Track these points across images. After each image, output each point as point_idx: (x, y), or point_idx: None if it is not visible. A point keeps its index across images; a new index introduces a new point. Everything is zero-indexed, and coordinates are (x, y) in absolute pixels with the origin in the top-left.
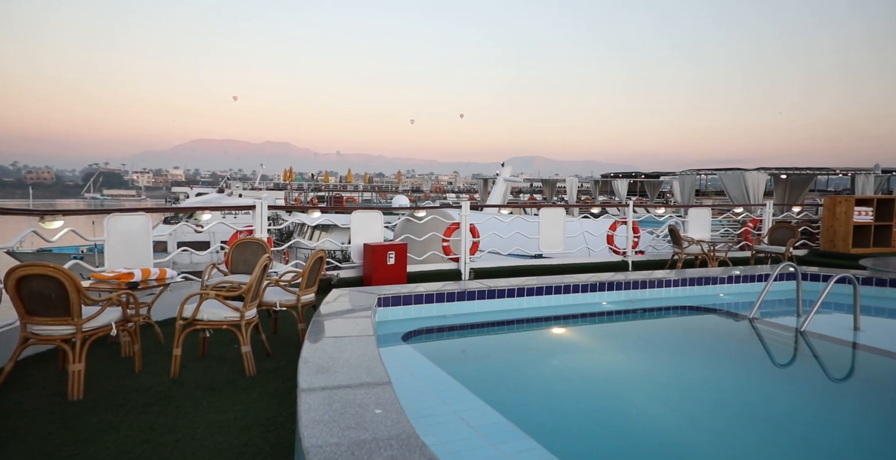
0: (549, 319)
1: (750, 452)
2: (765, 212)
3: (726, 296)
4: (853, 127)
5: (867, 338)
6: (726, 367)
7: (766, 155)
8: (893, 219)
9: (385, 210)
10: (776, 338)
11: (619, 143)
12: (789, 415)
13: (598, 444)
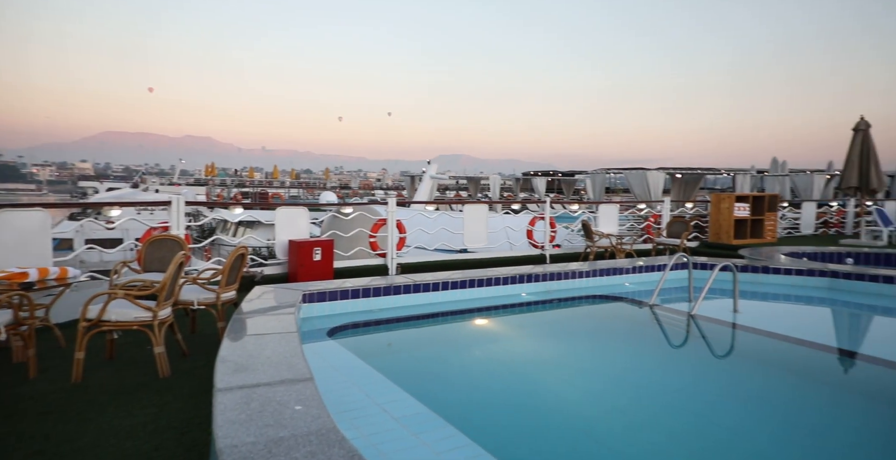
0: (472, 311)
1: (650, 425)
2: (663, 208)
3: (631, 285)
4: (736, 133)
5: (744, 318)
6: (631, 350)
7: (665, 156)
8: (765, 213)
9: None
10: (672, 322)
11: (539, 144)
12: (682, 390)
13: (518, 429)
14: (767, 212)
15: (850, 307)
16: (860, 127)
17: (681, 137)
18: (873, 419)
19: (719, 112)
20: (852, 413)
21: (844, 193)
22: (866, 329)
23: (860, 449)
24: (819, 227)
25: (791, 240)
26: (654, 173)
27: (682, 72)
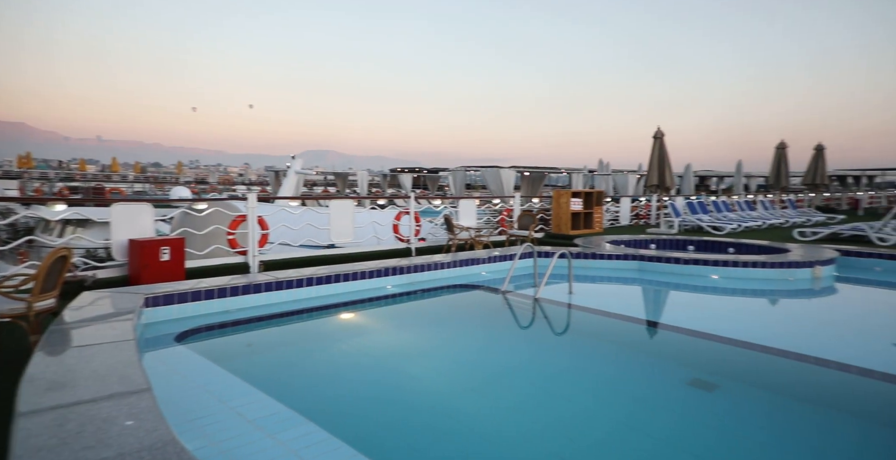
0: (338, 306)
1: (505, 401)
2: (514, 203)
3: (487, 274)
4: (572, 136)
5: (577, 299)
6: (486, 333)
7: (517, 155)
8: (594, 207)
9: (159, 202)
10: (520, 306)
11: (406, 141)
12: (529, 365)
13: (380, 418)
14: (596, 206)
15: (654, 284)
16: (657, 135)
17: (530, 139)
18: (673, 376)
19: (559, 117)
20: (658, 373)
21: (649, 190)
22: (665, 302)
23: (665, 398)
24: (633, 219)
25: (613, 230)
26: (506, 171)
27: (532, 83)
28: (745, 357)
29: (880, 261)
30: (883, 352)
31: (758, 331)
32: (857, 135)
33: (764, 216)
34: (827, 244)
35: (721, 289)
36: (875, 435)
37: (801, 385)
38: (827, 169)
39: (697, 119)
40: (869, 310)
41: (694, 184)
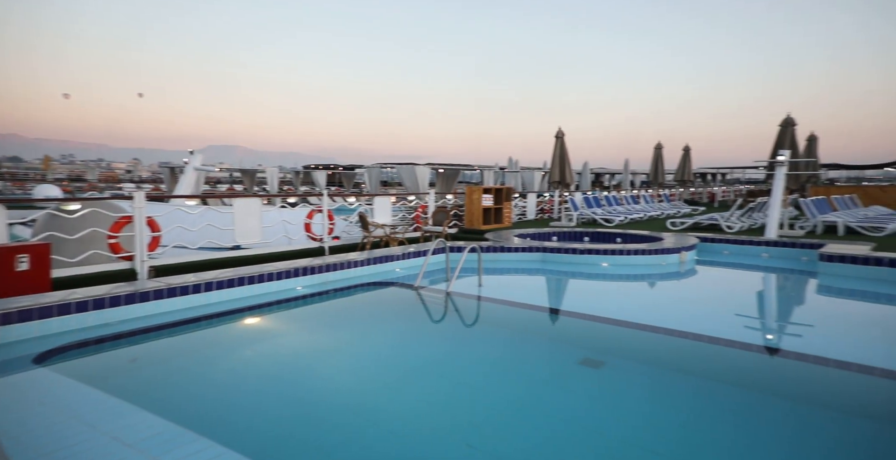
0: (243, 311)
1: (418, 394)
2: (429, 200)
3: (402, 270)
4: (485, 134)
5: (486, 291)
6: (400, 329)
7: (431, 152)
8: (503, 203)
9: (17, 202)
10: (433, 300)
11: (322, 138)
12: (441, 357)
13: (287, 426)
14: (505, 201)
15: (555, 274)
16: (559, 135)
17: (445, 137)
18: (569, 357)
19: (473, 116)
20: (557, 356)
21: (552, 186)
22: (564, 289)
23: (562, 378)
24: (539, 213)
25: (521, 224)
26: (421, 168)
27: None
28: (628, 335)
29: (727, 246)
30: (731, 322)
31: (637, 311)
32: (716, 138)
33: (645, 209)
34: (691, 232)
35: (610, 276)
36: (730, 393)
37: (674, 356)
38: (692, 167)
39: (594, 120)
40: (721, 287)
41: (590, 180)
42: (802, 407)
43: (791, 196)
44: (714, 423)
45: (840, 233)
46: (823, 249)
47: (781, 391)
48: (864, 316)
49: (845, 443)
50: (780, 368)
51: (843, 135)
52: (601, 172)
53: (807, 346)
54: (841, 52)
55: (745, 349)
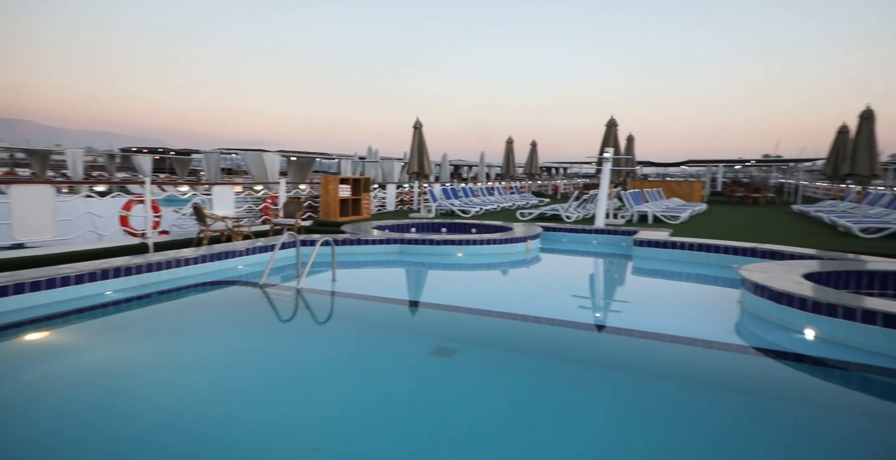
0: (24, 326)
1: (263, 397)
2: (279, 189)
3: (246, 267)
4: (342, 122)
5: (340, 286)
6: (242, 331)
7: (284, 139)
8: (362, 193)
9: None
10: (280, 298)
11: (146, 115)
12: (289, 357)
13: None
14: (364, 192)
15: (413, 265)
16: (417, 125)
17: (300, 123)
18: (423, 348)
19: (326, 101)
20: (411, 347)
21: (411, 177)
22: (421, 281)
23: (415, 369)
24: (398, 204)
25: (380, 216)
26: (270, 155)
27: (303, 62)
28: (479, 323)
29: (566, 234)
30: (568, 304)
31: (488, 298)
32: (560, 134)
33: (499, 200)
34: (537, 222)
35: (465, 265)
36: (570, 370)
37: (521, 340)
38: (539, 161)
39: (450, 114)
40: (559, 272)
41: (449, 171)
42: (625, 376)
43: (616, 189)
44: (558, 399)
45: (650, 222)
46: (636, 236)
47: (610, 363)
48: (668, 291)
49: (667, 406)
50: (607, 342)
51: (653, 135)
52: (460, 164)
53: (626, 321)
54: (658, 57)
55: (579, 328)
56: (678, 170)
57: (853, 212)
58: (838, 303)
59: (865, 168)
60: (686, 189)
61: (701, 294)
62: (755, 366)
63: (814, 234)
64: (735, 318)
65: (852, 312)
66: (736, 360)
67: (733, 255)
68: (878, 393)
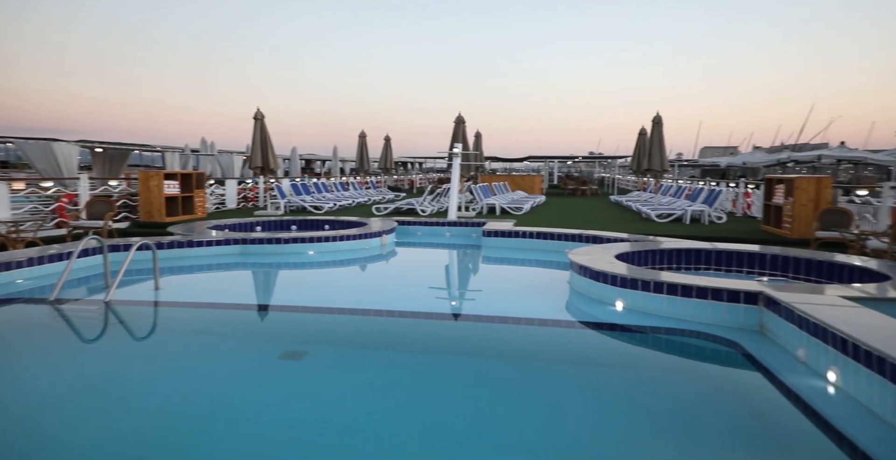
0: None
1: (80, 428)
2: (80, 186)
3: (29, 281)
4: (170, 109)
5: (166, 294)
6: (28, 360)
7: (86, 127)
8: (194, 190)
9: None
10: (83, 316)
11: None
12: (98, 382)
13: None
14: (197, 189)
15: (258, 266)
16: (258, 117)
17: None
18: (269, 353)
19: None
20: (255, 353)
21: (255, 172)
22: (268, 282)
23: (261, 375)
24: (241, 202)
25: (219, 215)
26: (63, 145)
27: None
28: (333, 322)
29: (421, 227)
30: (425, 295)
31: (342, 296)
32: (413, 129)
33: (354, 195)
34: (393, 216)
35: (317, 263)
36: (431, 360)
37: (378, 335)
38: (393, 156)
39: (299, 105)
40: (416, 265)
41: (300, 166)
42: (477, 360)
43: (467, 183)
44: (415, 388)
45: (497, 213)
46: (485, 227)
47: (462, 349)
48: (513, 276)
49: (515, 383)
50: (460, 330)
51: (501, 131)
52: (312, 158)
53: (477, 308)
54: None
55: (431, 318)
56: (523, 165)
57: (651, 202)
58: (638, 277)
59: (658, 164)
60: (529, 182)
61: (540, 277)
62: (582, 338)
63: (625, 220)
64: (566, 297)
65: (648, 284)
66: (566, 334)
67: (565, 241)
68: (669, 350)
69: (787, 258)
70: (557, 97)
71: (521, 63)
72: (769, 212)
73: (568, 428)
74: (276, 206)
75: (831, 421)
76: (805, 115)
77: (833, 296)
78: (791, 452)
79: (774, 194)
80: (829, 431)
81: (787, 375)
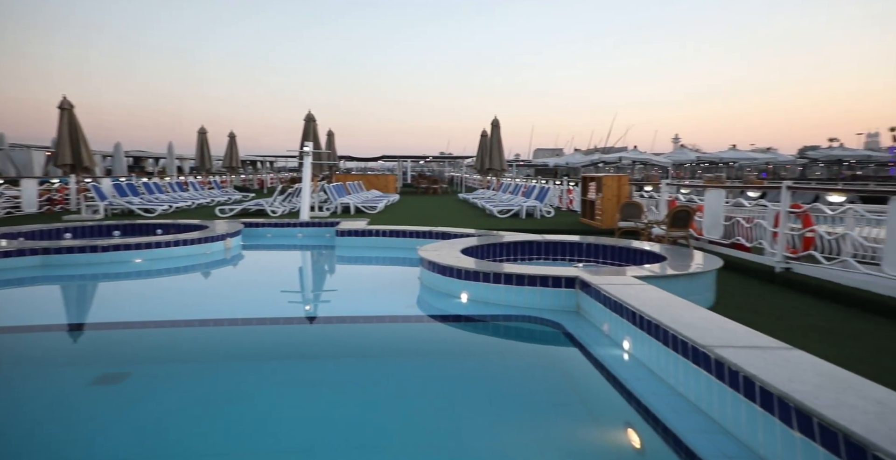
0: None
1: None
2: None
3: None
4: None
5: None
6: None
7: None
8: None
9: None
10: None
11: None
12: None
13: None
14: None
15: (65, 280)
16: (64, 106)
17: None
18: (81, 378)
19: None
20: (57, 381)
21: (63, 170)
22: (79, 298)
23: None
24: (44, 205)
25: (11, 221)
26: None
27: None
28: (163, 336)
29: (270, 229)
30: (278, 300)
31: (178, 307)
32: (264, 128)
33: (194, 196)
34: (240, 218)
35: (147, 273)
36: (283, 366)
37: (221, 345)
38: (240, 154)
39: (125, 96)
40: (266, 269)
41: (127, 164)
42: (335, 361)
43: (321, 182)
44: (263, 398)
45: (352, 212)
46: (339, 226)
47: (321, 353)
48: (368, 275)
49: (375, 380)
50: (318, 333)
51: (355, 131)
52: (142, 156)
53: (334, 309)
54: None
55: (290, 323)
56: (378, 165)
57: (494, 199)
58: (479, 270)
59: (498, 164)
60: (383, 181)
61: (394, 274)
62: (431, 331)
63: (472, 217)
64: (417, 293)
65: (487, 276)
66: (417, 329)
67: (417, 238)
68: (506, 335)
69: (598, 246)
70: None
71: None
72: (585, 207)
73: (421, 417)
74: (94, 210)
75: (625, 383)
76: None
77: (628, 277)
78: (597, 415)
79: (589, 191)
80: (622, 391)
81: (595, 348)
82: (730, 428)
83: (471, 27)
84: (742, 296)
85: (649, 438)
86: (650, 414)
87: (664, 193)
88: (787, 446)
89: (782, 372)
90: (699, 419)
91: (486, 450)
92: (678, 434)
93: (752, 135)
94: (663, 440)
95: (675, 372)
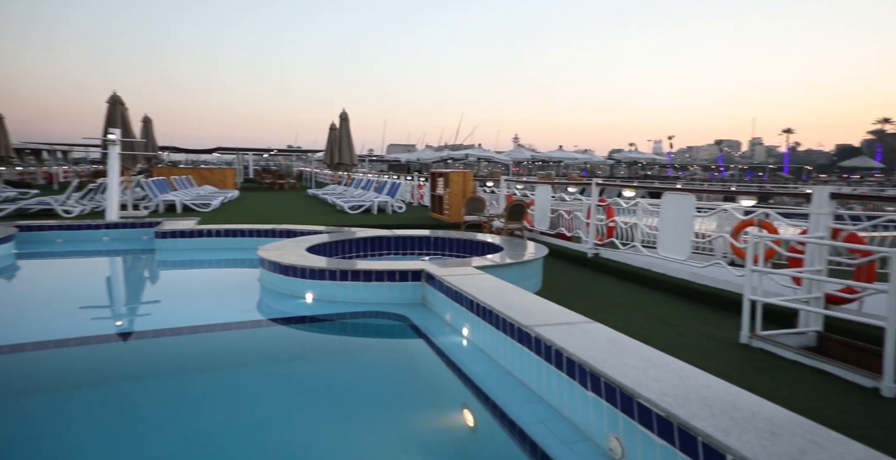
0: None
1: None
2: None
3: None
4: None
5: None
6: None
7: None
8: None
9: None
10: None
11: None
12: None
13: None
14: None
15: None
16: None
17: None
18: None
19: None
20: None
21: None
22: None
23: None
24: None
25: None
26: None
27: None
28: None
29: (62, 232)
30: (75, 317)
31: None
32: (40, 110)
33: None
34: (15, 220)
35: None
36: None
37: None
38: (10, 140)
39: None
40: (54, 282)
41: None
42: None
43: (136, 177)
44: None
45: (178, 211)
46: (159, 227)
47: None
48: (197, 280)
49: (211, 395)
50: (140, 349)
51: (177, 120)
52: None
53: (154, 322)
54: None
55: (89, 343)
56: (213, 158)
57: (345, 194)
58: (325, 268)
59: (348, 158)
60: (219, 176)
61: (230, 278)
62: (275, 335)
63: (322, 213)
64: (257, 296)
65: (334, 273)
66: (259, 334)
67: (257, 238)
68: (355, 332)
69: (445, 239)
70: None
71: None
72: (434, 201)
73: (268, 430)
74: None
75: (462, 367)
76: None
77: (469, 268)
78: (439, 401)
79: (437, 186)
80: (460, 375)
81: (438, 337)
82: (545, 397)
83: (324, 16)
84: (563, 279)
85: (480, 414)
86: (482, 393)
87: (503, 189)
88: (583, 405)
89: (583, 342)
90: (523, 392)
91: (334, 448)
92: (504, 408)
93: (575, 138)
94: (492, 414)
95: (505, 352)
